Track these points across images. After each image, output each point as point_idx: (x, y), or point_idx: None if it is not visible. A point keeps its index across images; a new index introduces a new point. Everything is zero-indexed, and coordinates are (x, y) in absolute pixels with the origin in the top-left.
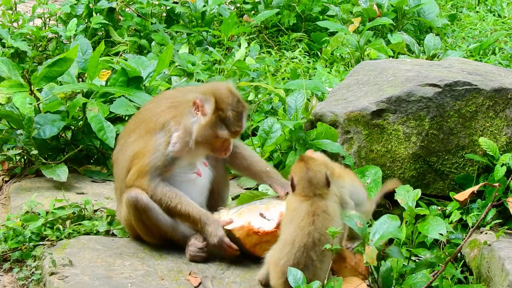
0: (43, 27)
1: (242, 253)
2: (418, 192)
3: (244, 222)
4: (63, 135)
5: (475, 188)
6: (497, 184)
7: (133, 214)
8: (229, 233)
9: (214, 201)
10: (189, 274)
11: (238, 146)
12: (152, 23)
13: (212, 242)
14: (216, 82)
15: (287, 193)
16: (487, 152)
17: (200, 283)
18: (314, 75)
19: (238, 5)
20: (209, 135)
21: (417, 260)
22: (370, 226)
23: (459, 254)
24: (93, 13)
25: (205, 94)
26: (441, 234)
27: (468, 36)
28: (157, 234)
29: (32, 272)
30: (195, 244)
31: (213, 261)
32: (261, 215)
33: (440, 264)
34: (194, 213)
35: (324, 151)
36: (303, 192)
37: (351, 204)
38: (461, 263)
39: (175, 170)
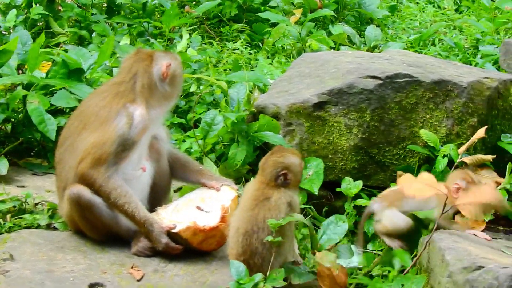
0: None
1: (188, 249)
2: (360, 183)
3: (189, 222)
4: (3, 127)
5: (428, 194)
6: (446, 191)
7: (75, 210)
8: (175, 235)
9: (157, 195)
10: (132, 268)
11: (172, 149)
12: (92, 14)
13: (157, 249)
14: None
15: (222, 185)
16: (428, 143)
17: (142, 276)
18: (256, 66)
19: None
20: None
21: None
22: None
23: None
24: (33, 4)
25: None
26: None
27: (409, 27)
28: (101, 229)
29: None
30: (146, 242)
31: (156, 254)
32: (198, 207)
33: (381, 254)
34: (140, 217)
35: (266, 144)
36: (260, 177)
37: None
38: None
39: (129, 159)
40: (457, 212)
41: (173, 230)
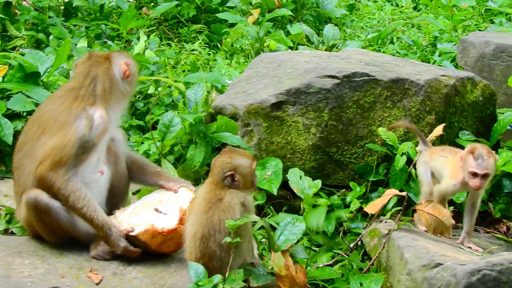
0: None
1: (146, 252)
2: (319, 182)
3: (147, 225)
4: None
5: (384, 200)
6: (404, 193)
7: (33, 215)
8: (134, 238)
9: (115, 198)
10: (90, 271)
11: (129, 151)
12: (49, 17)
13: (116, 253)
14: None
15: (180, 187)
16: (386, 141)
17: (101, 280)
18: (215, 67)
19: None
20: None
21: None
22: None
23: (359, 243)
24: None
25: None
26: (318, 225)
27: (367, 26)
28: (59, 233)
29: None
30: (105, 246)
31: (115, 258)
32: (156, 210)
33: (340, 253)
34: (98, 221)
35: (224, 144)
36: (210, 178)
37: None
38: (362, 251)
39: (89, 161)
40: None
41: (131, 233)
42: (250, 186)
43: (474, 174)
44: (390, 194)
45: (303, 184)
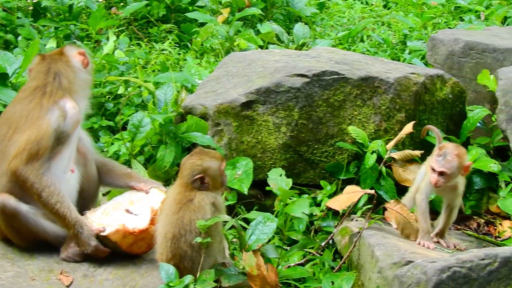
0: None
1: (117, 253)
2: (289, 181)
3: (118, 225)
4: None
5: (352, 198)
6: (373, 191)
7: (1, 219)
8: (105, 238)
9: (85, 200)
10: (61, 273)
11: (97, 155)
12: (18, 18)
13: (86, 252)
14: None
15: (151, 187)
16: (357, 140)
17: (72, 282)
18: (185, 66)
19: None
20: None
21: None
22: None
23: (331, 241)
24: None
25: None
26: (304, 213)
27: (337, 24)
28: (28, 237)
29: None
30: (76, 248)
31: (85, 260)
32: (127, 211)
33: (312, 252)
34: (70, 218)
35: (195, 144)
36: (180, 179)
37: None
38: (333, 250)
39: (61, 156)
40: None
41: (102, 233)
42: (219, 187)
43: (433, 169)
44: (353, 191)
45: (281, 182)
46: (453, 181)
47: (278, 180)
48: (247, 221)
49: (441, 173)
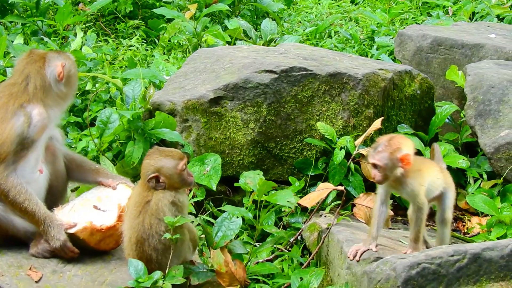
0: None
1: (86, 249)
2: (263, 178)
3: (86, 222)
4: None
5: (321, 194)
6: (342, 188)
7: None
8: (73, 236)
9: (53, 197)
10: (30, 269)
11: (67, 150)
12: None
13: (54, 246)
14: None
15: (119, 183)
16: (325, 136)
17: (41, 278)
18: (152, 63)
19: None
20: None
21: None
22: None
23: (299, 237)
24: None
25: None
26: (289, 202)
27: (304, 20)
28: None
29: None
30: (45, 244)
31: (54, 255)
32: (95, 207)
33: (280, 248)
34: (40, 214)
35: (163, 140)
36: (140, 179)
37: (426, 205)
38: (302, 246)
39: (28, 159)
40: None
41: (70, 231)
42: (180, 186)
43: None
44: (325, 188)
45: (256, 179)
46: (394, 175)
47: (254, 179)
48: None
49: (374, 166)
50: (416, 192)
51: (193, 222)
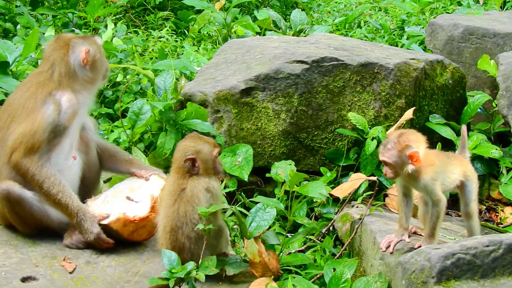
0: None
1: (119, 240)
2: (295, 169)
3: (119, 213)
4: None
5: (354, 185)
6: (375, 178)
7: (6, 206)
8: (106, 227)
9: (86, 187)
10: (64, 260)
11: (100, 140)
12: (16, 6)
13: (89, 239)
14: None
15: (151, 174)
16: (357, 126)
17: (74, 269)
18: (182, 54)
19: None
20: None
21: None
22: None
23: (331, 228)
24: None
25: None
26: (321, 194)
27: (334, 10)
28: (32, 224)
29: None
30: (79, 236)
31: (88, 246)
32: (128, 198)
33: (312, 239)
34: (73, 207)
35: (195, 131)
36: (173, 165)
37: (443, 200)
38: (334, 237)
39: (61, 146)
40: None
41: (103, 222)
42: (211, 173)
43: None
44: (358, 178)
45: (288, 170)
46: (405, 171)
47: (285, 169)
48: (249, 208)
49: (385, 163)
50: (429, 188)
51: (225, 211)
